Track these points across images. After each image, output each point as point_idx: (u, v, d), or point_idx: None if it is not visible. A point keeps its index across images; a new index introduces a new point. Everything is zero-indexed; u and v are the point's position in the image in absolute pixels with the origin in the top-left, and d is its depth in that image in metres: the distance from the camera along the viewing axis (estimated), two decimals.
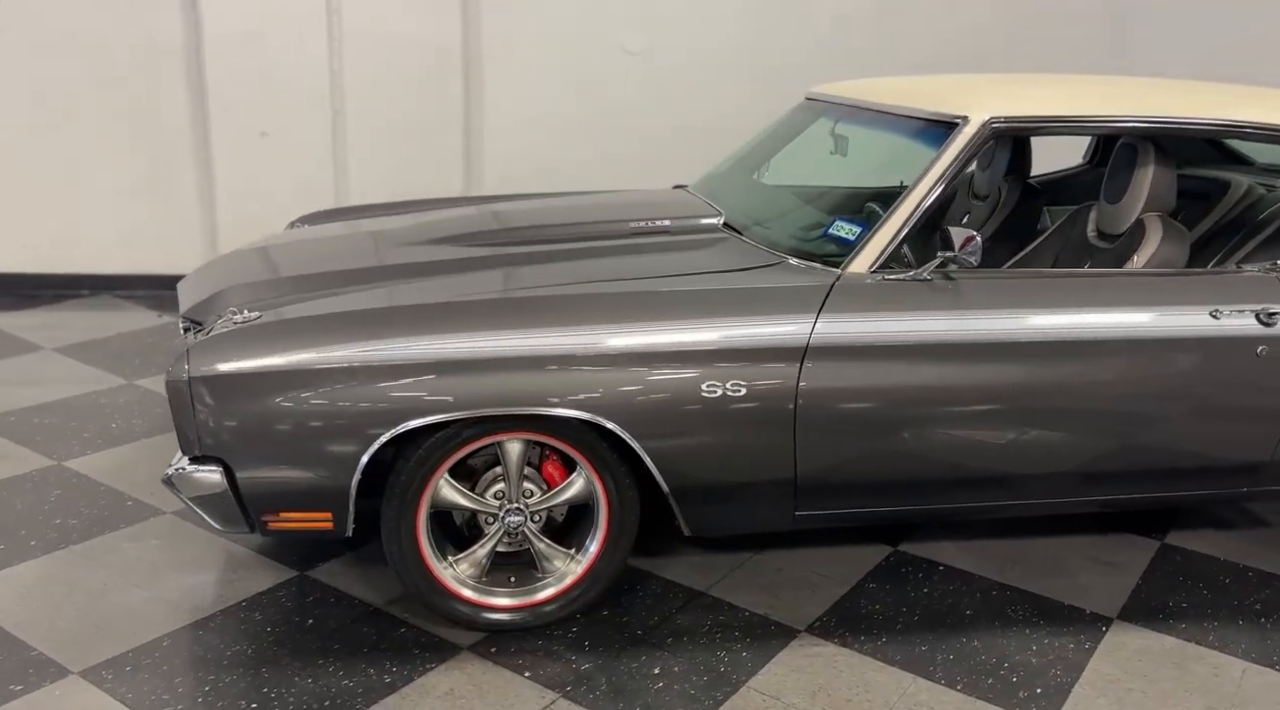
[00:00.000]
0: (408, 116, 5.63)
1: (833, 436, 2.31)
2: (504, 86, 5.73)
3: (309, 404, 2.09)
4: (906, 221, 2.37)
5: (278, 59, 5.43)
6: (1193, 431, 2.46)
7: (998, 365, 2.32)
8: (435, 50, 5.57)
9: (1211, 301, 2.41)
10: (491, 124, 5.83)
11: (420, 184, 5.60)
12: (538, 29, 5.65)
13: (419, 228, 2.94)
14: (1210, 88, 2.82)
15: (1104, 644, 2.43)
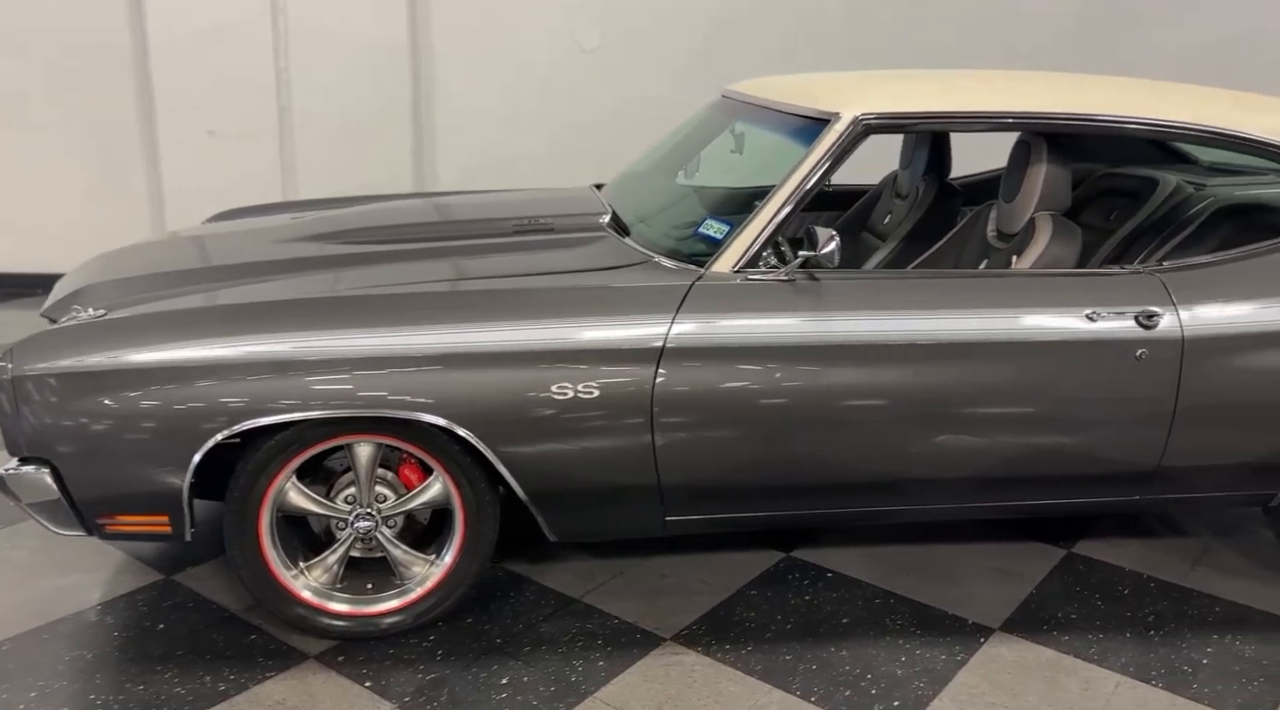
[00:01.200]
0: (356, 114, 5.59)
1: (694, 440, 2.24)
2: (455, 83, 5.69)
3: (137, 404, 2.04)
4: (771, 220, 2.30)
5: (224, 58, 5.40)
6: (1075, 438, 2.37)
7: (860, 368, 2.24)
8: (382, 47, 5.53)
9: (1090, 303, 2.33)
10: (443, 121, 5.79)
11: (371, 181, 5.55)
12: (488, 26, 5.60)
13: (305, 225, 2.88)
14: (1104, 83, 2.72)
15: (978, 655, 2.35)
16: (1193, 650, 2.39)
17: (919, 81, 2.59)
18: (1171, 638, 2.45)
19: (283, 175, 5.70)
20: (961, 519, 2.87)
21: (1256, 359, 2.33)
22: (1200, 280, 2.37)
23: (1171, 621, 2.52)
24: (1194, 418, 2.36)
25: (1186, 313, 2.32)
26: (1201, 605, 2.60)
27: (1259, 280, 2.36)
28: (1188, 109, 2.47)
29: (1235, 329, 2.32)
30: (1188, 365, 2.32)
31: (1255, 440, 2.40)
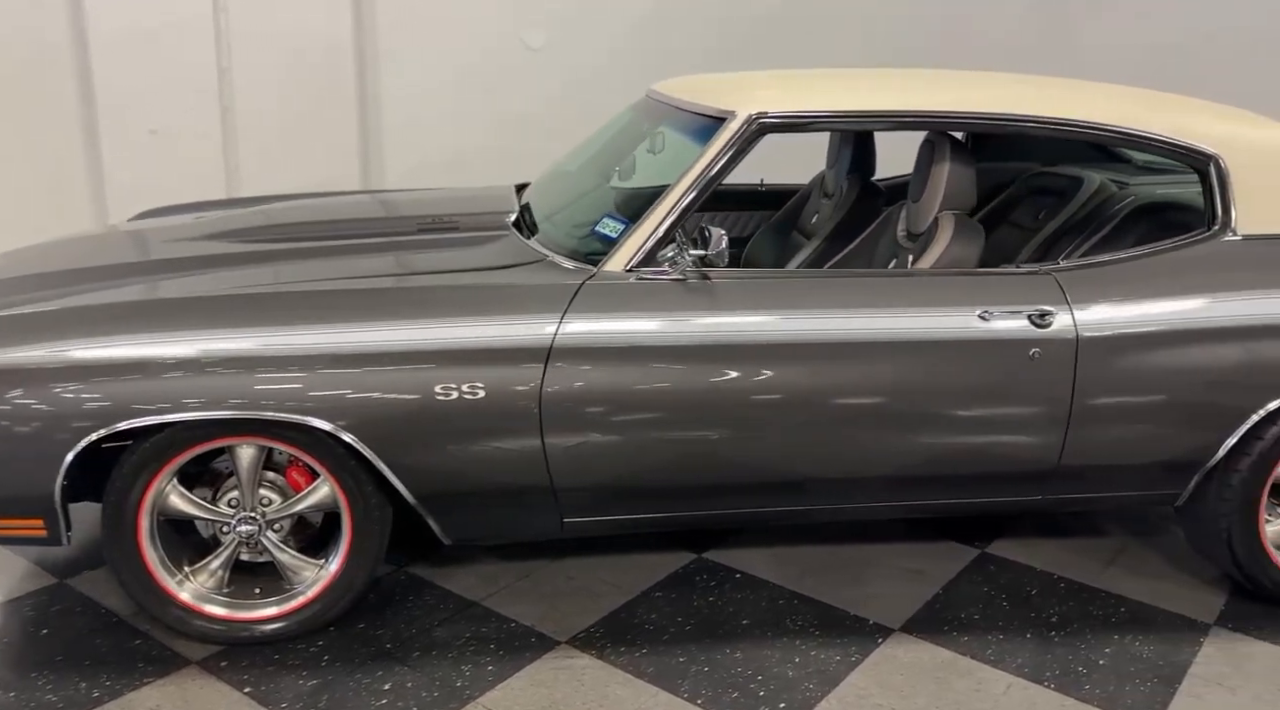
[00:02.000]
0: (301, 112, 5.53)
1: (586, 441, 2.21)
2: (402, 83, 5.64)
3: (7, 405, 1.99)
4: (665, 219, 2.28)
5: (165, 56, 5.33)
6: (973, 437, 2.36)
7: (750, 368, 2.22)
8: (326, 45, 5.48)
9: (984, 303, 2.31)
10: (390, 120, 5.75)
11: (317, 179, 5.50)
12: (434, 25, 5.57)
13: (209, 223, 2.84)
14: (1010, 81, 2.71)
15: (873, 656, 2.34)
16: (1091, 651, 2.39)
17: (820, 81, 2.57)
18: (1072, 638, 2.44)
19: (227, 174, 5.64)
20: (866, 519, 2.85)
21: (1151, 358, 2.32)
22: (1095, 279, 2.36)
23: (1075, 622, 2.51)
24: (1091, 417, 2.35)
25: (1081, 312, 2.32)
26: (1107, 606, 2.60)
27: (1153, 279, 2.35)
28: (1093, 108, 2.46)
29: (1129, 328, 2.31)
30: (1082, 364, 2.31)
31: (1154, 439, 2.39)
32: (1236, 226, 2.39)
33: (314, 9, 5.43)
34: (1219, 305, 2.33)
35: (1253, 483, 2.46)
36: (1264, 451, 2.43)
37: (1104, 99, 2.52)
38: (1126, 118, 2.44)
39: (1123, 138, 2.43)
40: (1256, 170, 2.40)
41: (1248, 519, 2.49)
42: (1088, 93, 2.57)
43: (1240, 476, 2.45)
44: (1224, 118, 2.52)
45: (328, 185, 5.45)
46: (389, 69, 5.64)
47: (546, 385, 2.15)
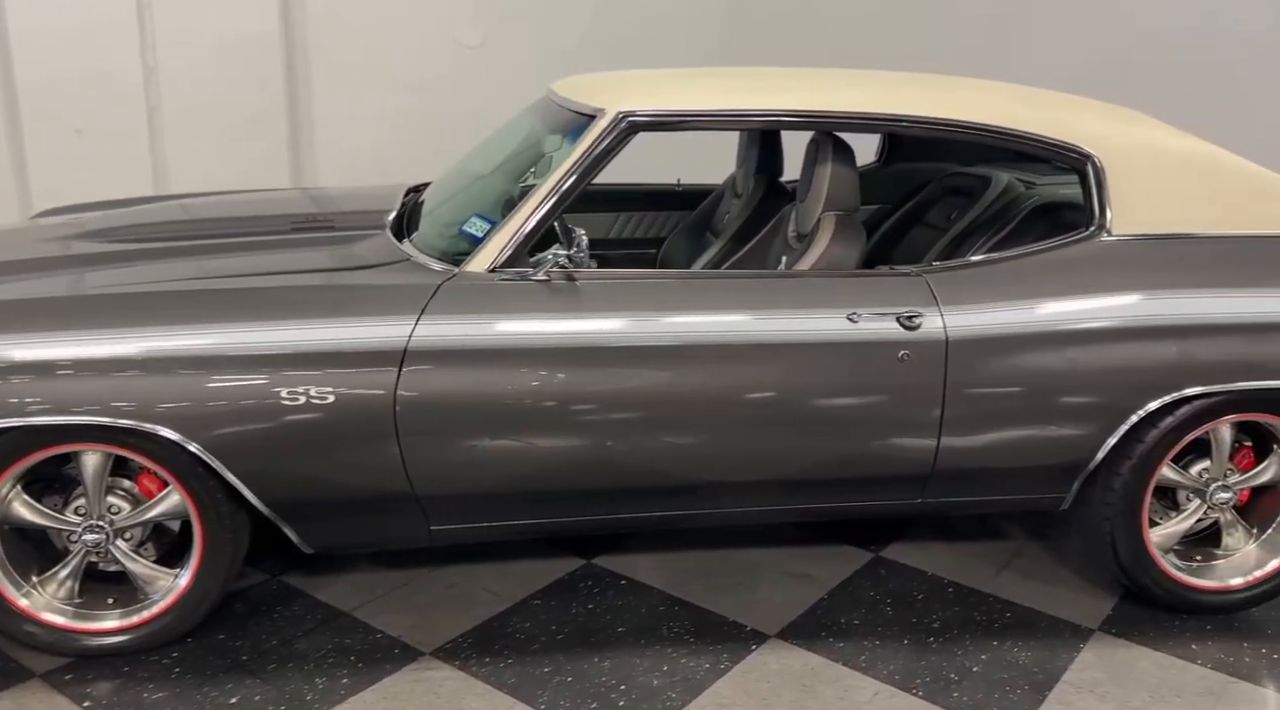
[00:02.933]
0: (229, 111, 5.45)
1: (446, 447, 2.16)
2: (333, 81, 5.57)
3: None
4: (530, 219, 2.23)
5: (90, 55, 5.24)
6: (846, 440, 2.32)
7: (614, 370, 2.17)
8: (254, 43, 5.40)
9: (854, 305, 2.28)
10: (322, 119, 5.67)
11: (247, 180, 5.42)
12: (366, 23, 5.50)
13: (78, 222, 2.77)
14: (889, 80, 2.66)
15: (744, 663, 2.30)
16: (967, 657, 2.36)
17: (694, 80, 2.53)
18: (950, 645, 2.41)
19: (154, 173, 5.56)
20: (747, 524, 2.81)
21: (1023, 359, 2.29)
22: (965, 281, 2.32)
23: (955, 628, 2.48)
24: (964, 420, 2.32)
25: (950, 313, 2.28)
26: (992, 611, 2.57)
27: (1024, 280, 2.32)
28: (971, 107, 2.42)
29: (999, 329, 2.28)
30: (953, 366, 2.28)
31: (1031, 443, 2.36)
32: (1111, 227, 2.37)
33: (240, 6, 5.36)
34: (1090, 306, 2.30)
35: (1134, 486, 2.43)
36: (1145, 454, 2.40)
37: (983, 98, 2.49)
38: (1004, 117, 2.40)
39: (1000, 137, 2.39)
40: (1133, 170, 2.37)
41: (1131, 523, 2.47)
42: (968, 92, 2.54)
43: (1121, 479, 2.43)
44: (1103, 116, 2.49)
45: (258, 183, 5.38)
46: (319, 66, 5.56)
47: (401, 389, 2.09)
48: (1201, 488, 2.54)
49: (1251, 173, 2.45)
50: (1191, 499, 2.56)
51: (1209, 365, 2.31)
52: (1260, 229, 2.41)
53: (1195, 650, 2.41)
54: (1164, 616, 2.55)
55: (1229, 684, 2.28)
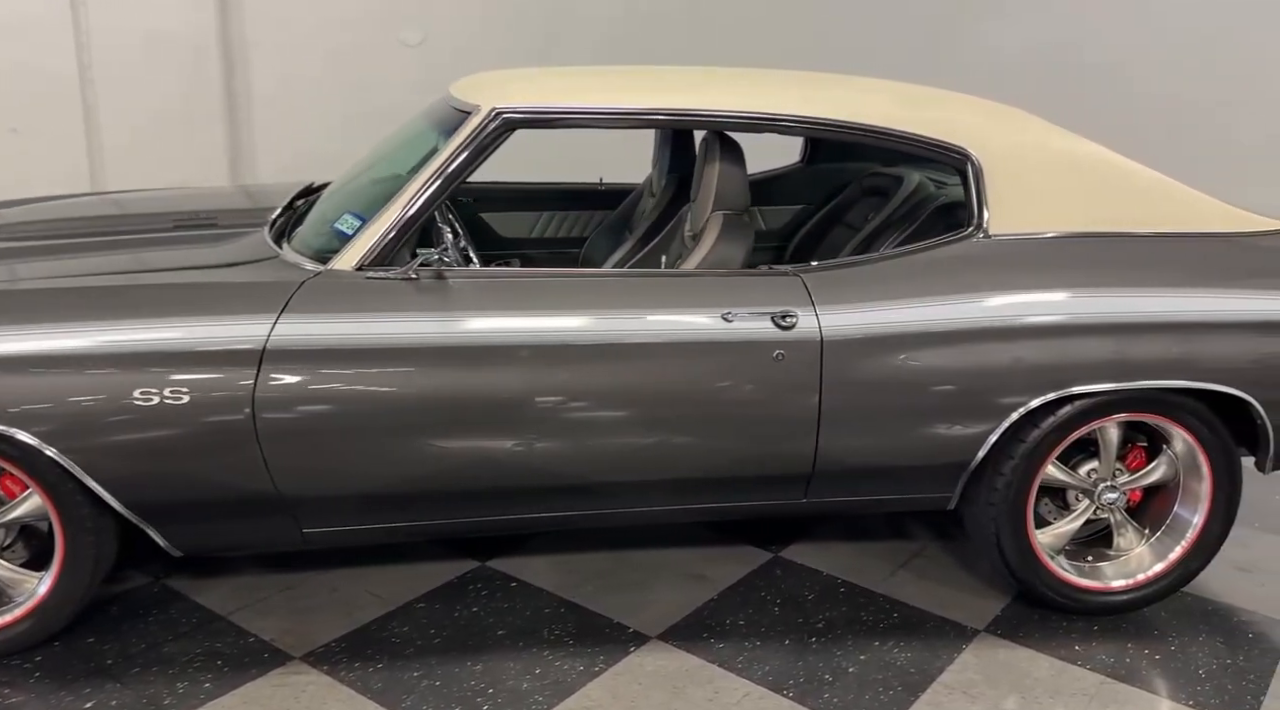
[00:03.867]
0: (166, 109, 5.41)
1: (309, 448, 2.13)
2: (273, 79, 5.54)
3: None
4: (401, 217, 2.20)
5: (24, 54, 5.19)
6: (726, 440, 2.30)
7: (483, 370, 2.14)
8: (190, 43, 5.36)
9: (729, 304, 2.26)
10: (261, 117, 5.64)
11: (184, 177, 5.39)
12: (305, 20, 5.47)
13: None
14: (776, 80, 2.63)
15: (619, 665, 2.28)
16: (845, 658, 2.34)
17: (574, 78, 2.51)
18: (830, 645, 2.39)
19: (91, 173, 5.51)
20: (631, 525, 2.79)
21: (899, 359, 2.27)
22: (842, 280, 2.31)
23: (840, 628, 2.47)
24: (842, 419, 2.30)
25: (825, 313, 2.26)
26: (880, 611, 2.55)
27: (900, 279, 2.30)
28: (853, 106, 2.40)
29: (874, 329, 2.26)
30: (828, 367, 2.27)
31: (910, 442, 2.34)
32: (988, 226, 2.36)
33: (177, 5, 5.31)
34: (964, 305, 2.29)
35: (1018, 485, 2.42)
36: (1027, 453, 2.39)
37: (865, 98, 2.47)
38: (884, 117, 2.39)
39: (881, 136, 2.38)
40: (1010, 169, 2.36)
41: (1016, 523, 2.46)
42: (850, 92, 2.52)
43: (1005, 479, 2.42)
44: (983, 115, 2.48)
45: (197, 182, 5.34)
46: (258, 65, 5.52)
47: (260, 390, 2.06)
48: (1090, 488, 2.54)
49: (1132, 172, 2.45)
50: (1080, 499, 2.56)
51: (1085, 365, 2.30)
52: (1140, 228, 2.41)
53: (1079, 651, 2.40)
54: (1053, 618, 2.54)
55: (1105, 685, 2.27)
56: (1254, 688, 2.26)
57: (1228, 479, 2.48)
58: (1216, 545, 2.54)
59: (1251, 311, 2.34)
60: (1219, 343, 2.34)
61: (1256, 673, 2.32)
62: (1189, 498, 2.54)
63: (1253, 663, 2.36)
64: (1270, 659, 2.38)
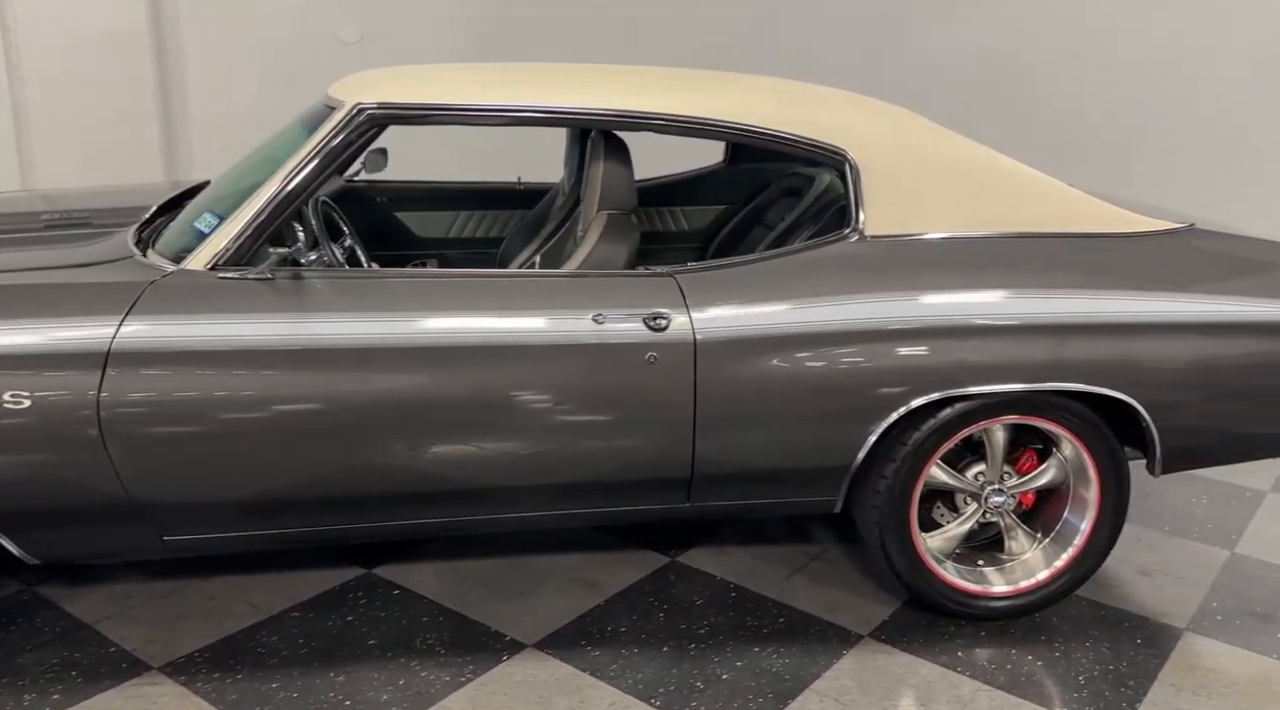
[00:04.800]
0: (98, 108, 5.32)
1: (160, 453, 2.06)
2: (208, 78, 5.46)
3: None
4: (257, 215, 2.14)
5: None
6: (602, 444, 2.25)
7: (341, 372, 2.08)
8: (122, 40, 5.28)
9: (601, 306, 2.22)
10: (197, 115, 5.56)
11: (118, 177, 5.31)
12: (240, 17, 5.39)
13: None
14: (653, 78, 2.58)
15: (488, 675, 2.22)
16: (722, 665, 2.30)
17: (446, 73, 2.45)
18: (710, 652, 2.35)
19: (20, 172, 5.42)
20: (518, 530, 2.74)
21: (773, 362, 2.23)
22: (716, 282, 2.26)
23: (723, 634, 2.43)
24: (718, 423, 2.26)
25: (699, 315, 2.22)
26: (767, 616, 2.52)
27: (774, 282, 2.26)
28: (730, 106, 2.34)
29: (748, 331, 2.22)
30: (702, 369, 2.22)
31: (788, 445, 2.30)
32: (864, 227, 2.32)
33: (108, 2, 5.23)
34: (838, 307, 2.24)
35: (901, 488, 2.38)
36: (909, 456, 2.35)
37: (746, 97, 2.42)
38: (763, 116, 2.34)
39: (758, 136, 2.34)
40: (887, 170, 2.32)
41: (901, 526, 2.42)
42: (734, 91, 2.47)
43: (887, 482, 2.38)
44: (863, 114, 2.43)
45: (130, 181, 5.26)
46: (193, 61, 5.45)
47: (105, 393, 2.00)
48: (977, 491, 2.51)
49: (1014, 172, 2.41)
50: (969, 502, 2.53)
51: (962, 367, 2.26)
52: (1019, 229, 2.37)
53: (960, 657, 2.37)
54: (942, 623, 2.51)
55: (980, 692, 2.23)
56: (1131, 694, 2.23)
57: (1115, 483, 2.45)
58: (1106, 550, 2.51)
59: (1130, 313, 2.30)
60: (1098, 345, 2.30)
61: (1137, 679, 2.29)
62: (1078, 503, 2.51)
63: (1135, 668, 2.33)
64: (1154, 665, 2.35)
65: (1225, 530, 3.06)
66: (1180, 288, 2.35)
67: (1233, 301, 2.33)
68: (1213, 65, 5.33)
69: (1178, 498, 3.28)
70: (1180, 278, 2.37)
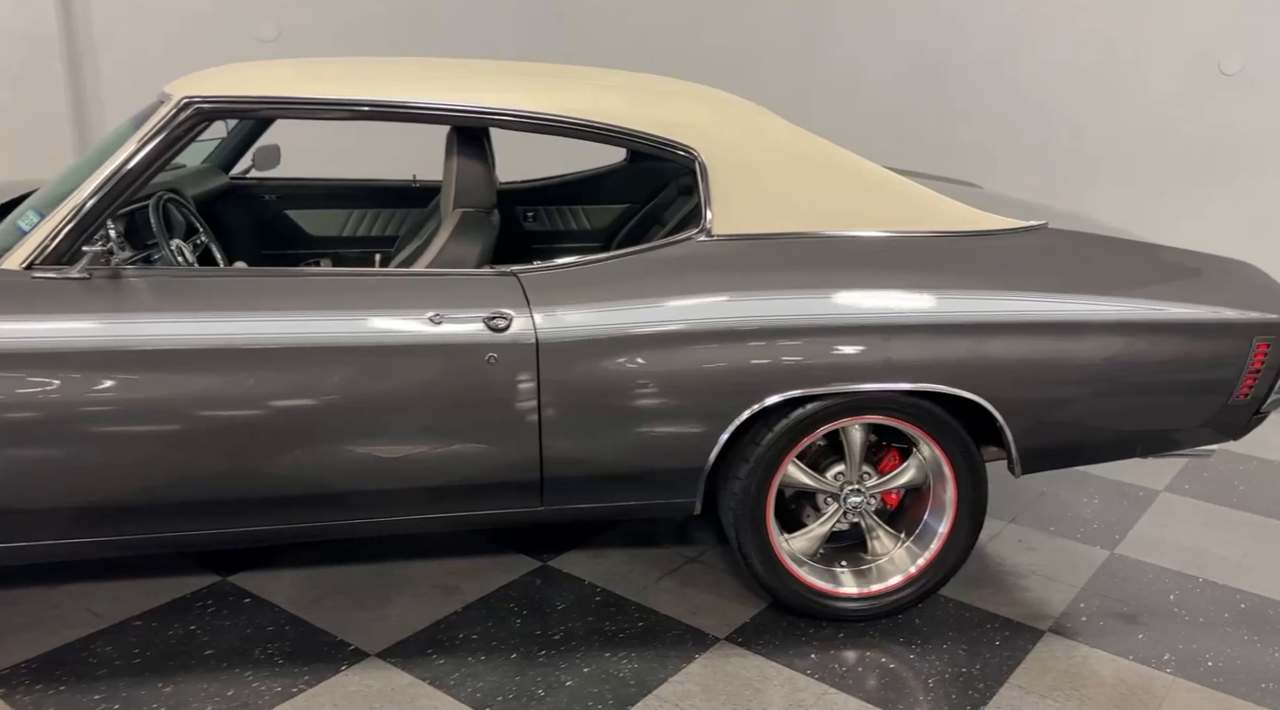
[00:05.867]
0: (8, 111, 5.21)
1: None
2: (124, 79, 5.36)
3: None
4: (76, 211, 2.07)
5: None
6: (447, 447, 2.19)
7: (158, 375, 2.01)
8: (28, 40, 5.17)
9: (441, 305, 2.16)
10: (113, 117, 5.45)
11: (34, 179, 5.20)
12: (156, 16, 5.30)
13: None
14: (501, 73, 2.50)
15: (321, 686, 2.16)
16: (569, 671, 2.25)
17: (279, 67, 2.38)
18: (559, 658, 2.30)
19: None
20: (360, 537, 2.68)
21: (617, 362, 2.19)
22: (560, 281, 2.21)
23: (577, 640, 2.38)
24: (564, 425, 2.21)
25: (541, 316, 2.18)
26: (626, 621, 2.47)
27: (619, 281, 2.22)
28: (577, 102, 2.29)
29: (591, 332, 2.17)
30: (545, 370, 2.18)
31: (635, 447, 2.26)
32: (712, 226, 2.29)
33: (15, 3, 5.12)
34: (681, 308, 2.20)
35: (755, 489, 2.34)
36: (762, 457, 2.32)
37: (594, 94, 2.37)
38: (614, 114, 2.30)
39: (606, 134, 2.29)
40: (734, 168, 2.28)
41: (757, 528, 2.39)
42: (585, 87, 2.42)
43: (741, 483, 2.35)
44: (713, 111, 2.38)
45: None
46: (106, 64, 5.35)
47: None
48: (836, 491, 2.48)
49: (863, 171, 2.37)
50: (830, 503, 2.51)
51: (808, 368, 2.23)
52: (865, 228, 2.34)
53: (814, 661, 2.33)
54: (803, 625, 2.47)
55: (826, 696, 2.20)
56: (977, 698, 2.21)
57: (971, 484, 2.43)
58: (966, 551, 2.49)
59: (979, 312, 2.28)
60: (946, 344, 2.27)
61: (986, 681, 2.27)
62: (937, 503, 2.49)
63: (988, 671, 2.31)
64: (1007, 667, 2.33)
65: (1110, 530, 3.06)
66: (1029, 287, 2.32)
67: (1081, 300, 2.31)
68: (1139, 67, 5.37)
69: (1070, 498, 3.27)
70: (1029, 277, 2.34)
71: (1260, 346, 2.40)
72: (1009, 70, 5.48)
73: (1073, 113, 5.50)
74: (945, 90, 5.57)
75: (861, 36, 5.70)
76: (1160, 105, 5.26)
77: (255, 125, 3.54)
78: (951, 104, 5.57)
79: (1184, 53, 5.02)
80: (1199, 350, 2.38)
